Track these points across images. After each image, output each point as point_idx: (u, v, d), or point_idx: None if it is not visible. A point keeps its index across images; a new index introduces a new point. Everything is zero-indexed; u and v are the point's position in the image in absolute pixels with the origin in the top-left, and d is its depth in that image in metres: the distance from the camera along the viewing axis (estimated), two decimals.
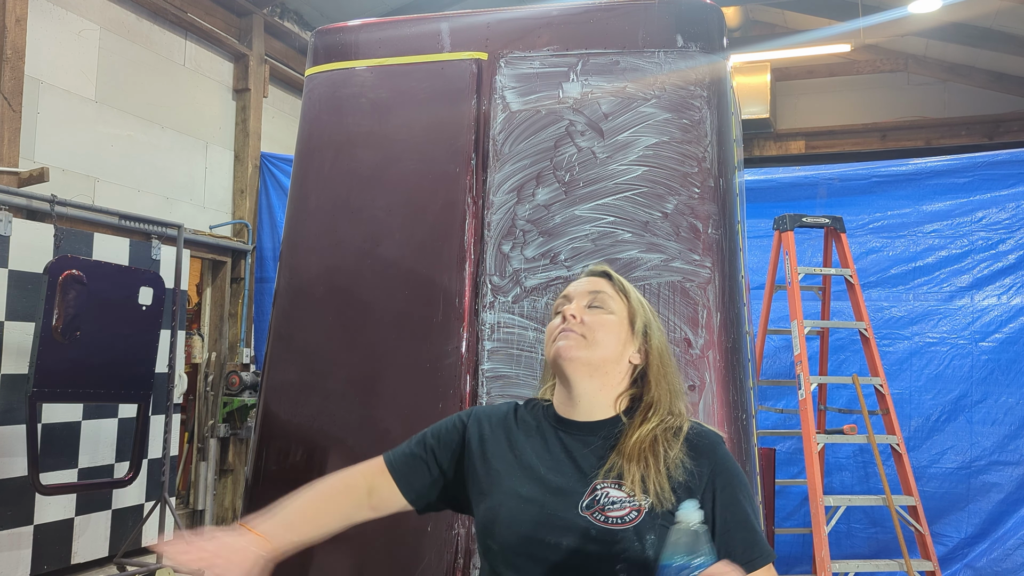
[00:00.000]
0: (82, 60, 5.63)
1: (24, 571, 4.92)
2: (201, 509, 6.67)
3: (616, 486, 1.39)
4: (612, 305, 1.53)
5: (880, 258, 5.44)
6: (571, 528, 1.37)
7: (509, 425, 1.56)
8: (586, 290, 1.55)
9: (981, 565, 4.98)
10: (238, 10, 7.03)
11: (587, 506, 1.38)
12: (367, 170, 2.83)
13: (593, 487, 1.40)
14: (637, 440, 1.43)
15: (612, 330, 1.51)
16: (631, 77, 2.70)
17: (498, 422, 1.57)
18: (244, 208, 7.06)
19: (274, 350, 2.81)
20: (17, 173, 5.02)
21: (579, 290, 1.56)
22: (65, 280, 4.44)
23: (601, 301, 1.53)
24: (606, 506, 1.37)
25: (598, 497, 1.39)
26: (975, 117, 8.38)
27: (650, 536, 1.34)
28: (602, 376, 1.50)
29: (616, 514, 1.36)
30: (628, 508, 1.36)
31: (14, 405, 4.77)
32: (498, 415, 1.59)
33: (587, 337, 1.48)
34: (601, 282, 1.57)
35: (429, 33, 2.90)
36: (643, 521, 1.35)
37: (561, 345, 1.48)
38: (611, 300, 1.54)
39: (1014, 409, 5.10)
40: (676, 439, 1.44)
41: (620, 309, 1.54)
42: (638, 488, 1.38)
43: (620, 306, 1.54)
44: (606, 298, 1.54)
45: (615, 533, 1.35)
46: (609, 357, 1.50)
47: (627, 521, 1.35)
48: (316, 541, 1.52)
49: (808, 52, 8.16)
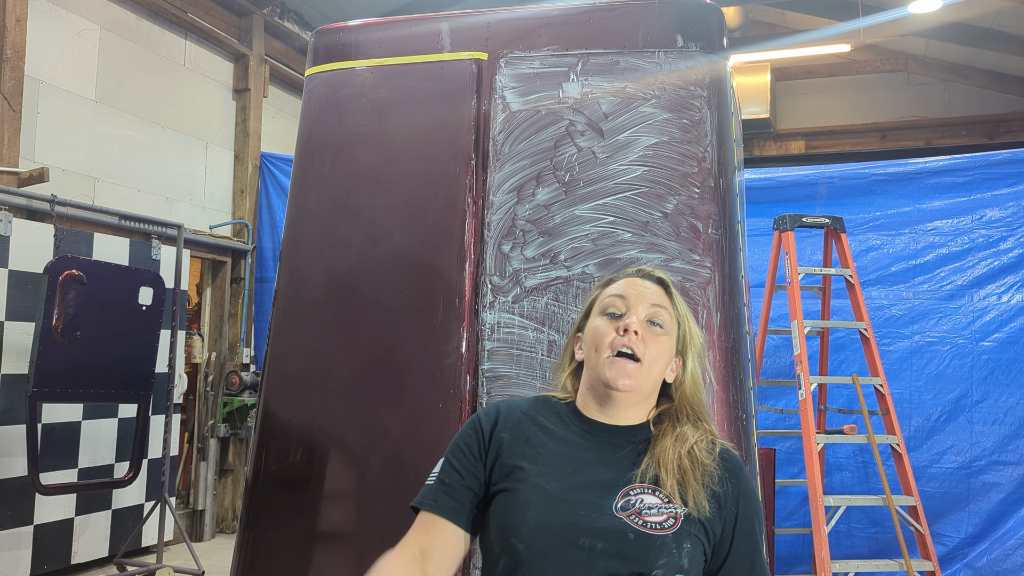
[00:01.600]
0: (82, 60, 5.63)
1: (24, 571, 4.92)
2: (201, 509, 6.67)
3: (651, 491, 1.37)
4: (668, 323, 1.48)
5: (880, 256, 5.44)
6: (606, 530, 1.33)
7: (529, 422, 1.49)
8: (649, 301, 1.48)
9: (981, 565, 4.98)
10: (238, 10, 7.03)
11: (622, 508, 1.35)
12: (367, 170, 2.83)
13: (627, 490, 1.37)
14: (673, 447, 1.41)
15: (665, 351, 1.46)
16: (631, 77, 2.70)
17: (517, 419, 1.49)
18: (244, 208, 7.06)
19: (274, 350, 2.81)
20: (17, 173, 5.02)
21: (642, 298, 1.48)
22: (65, 280, 4.44)
23: (661, 319, 1.47)
24: (643, 511, 1.34)
25: (632, 501, 1.36)
26: (975, 117, 8.38)
27: (687, 544, 1.33)
28: (644, 395, 1.47)
29: (655, 519, 1.34)
30: (666, 515, 1.34)
31: (14, 405, 4.77)
32: (516, 412, 1.51)
33: (644, 361, 1.43)
34: (661, 293, 1.50)
35: (429, 33, 2.89)
36: (681, 528, 1.34)
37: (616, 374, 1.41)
38: (668, 317, 1.48)
39: (1014, 409, 5.10)
40: (711, 452, 1.43)
41: (672, 327, 1.49)
42: (676, 495, 1.36)
43: (673, 325, 1.49)
44: (665, 316, 1.47)
45: (655, 539, 1.32)
46: (655, 379, 1.47)
47: (666, 527, 1.33)
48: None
49: (808, 52, 8.16)
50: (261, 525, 2.69)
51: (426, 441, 2.56)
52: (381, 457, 2.60)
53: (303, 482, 2.66)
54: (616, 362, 1.42)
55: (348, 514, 2.63)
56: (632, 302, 1.47)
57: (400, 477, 2.56)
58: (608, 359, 1.42)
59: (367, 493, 2.60)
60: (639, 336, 1.43)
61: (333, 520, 2.64)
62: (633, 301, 1.47)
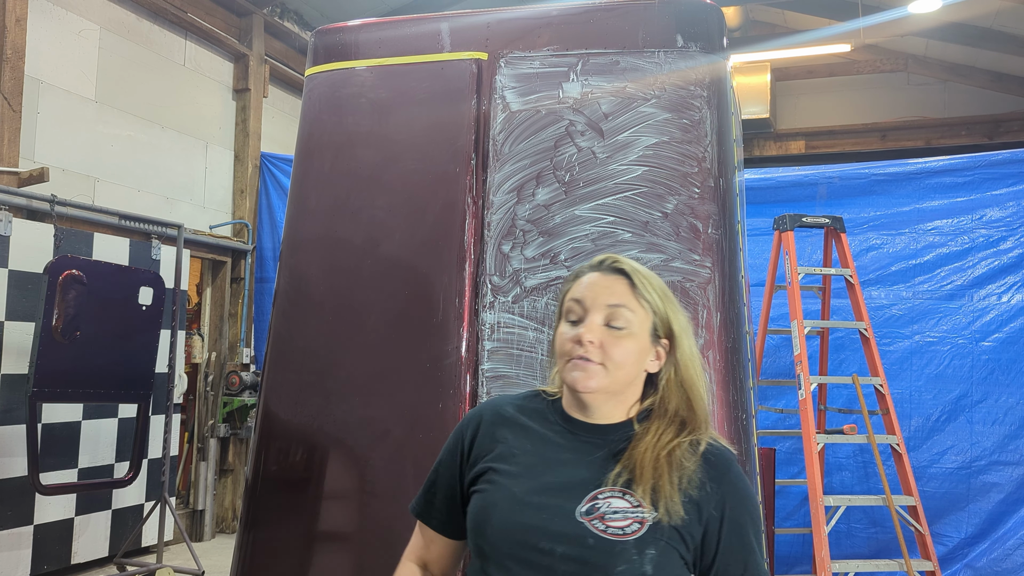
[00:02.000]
0: (82, 60, 5.63)
1: (24, 571, 4.92)
2: (201, 509, 6.67)
3: (621, 495, 1.33)
4: (632, 320, 1.39)
5: (880, 255, 5.44)
6: (566, 535, 1.30)
7: (512, 421, 1.47)
8: (604, 302, 1.39)
9: (981, 565, 4.98)
10: (238, 10, 7.03)
11: (586, 512, 1.31)
12: (367, 170, 2.83)
13: (595, 494, 1.33)
14: (652, 449, 1.36)
15: (632, 352, 1.39)
16: (631, 77, 2.70)
17: (501, 418, 1.48)
18: (244, 208, 7.06)
19: (274, 350, 2.81)
20: (17, 173, 5.02)
21: (595, 301, 1.40)
22: (65, 280, 4.44)
23: (621, 318, 1.39)
24: (607, 515, 1.31)
25: (599, 504, 1.32)
26: (975, 117, 8.38)
27: (651, 551, 1.28)
28: (619, 395, 1.42)
29: (618, 524, 1.29)
30: (631, 519, 1.30)
31: (14, 405, 4.77)
32: (500, 413, 1.49)
33: (607, 365, 1.37)
34: (620, 288, 1.41)
35: (429, 33, 2.89)
36: (645, 534, 1.29)
37: (578, 376, 1.37)
38: (631, 314, 1.39)
39: (1014, 409, 5.10)
40: (694, 453, 1.37)
41: (640, 321, 1.40)
42: (647, 499, 1.31)
43: (641, 317, 1.40)
44: (626, 313, 1.39)
45: (614, 544, 1.28)
46: (628, 379, 1.41)
47: (628, 533, 1.29)
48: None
49: (808, 52, 8.16)
50: (261, 525, 2.69)
51: (426, 441, 2.56)
52: (381, 457, 2.60)
53: (303, 482, 2.66)
54: (577, 365, 1.38)
55: (348, 514, 2.63)
56: (588, 306, 1.40)
57: (400, 477, 2.56)
58: (570, 363, 1.39)
59: (367, 493, 2.60)
60: (596, 344, 1.37)
61: (333, 520, 2.64)
62: (589, 304, 1.40)
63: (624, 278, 1.42)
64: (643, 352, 1.41)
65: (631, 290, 1.41)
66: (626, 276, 1.42)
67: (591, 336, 1.38)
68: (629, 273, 1.43)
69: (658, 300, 1.43)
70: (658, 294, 1.43)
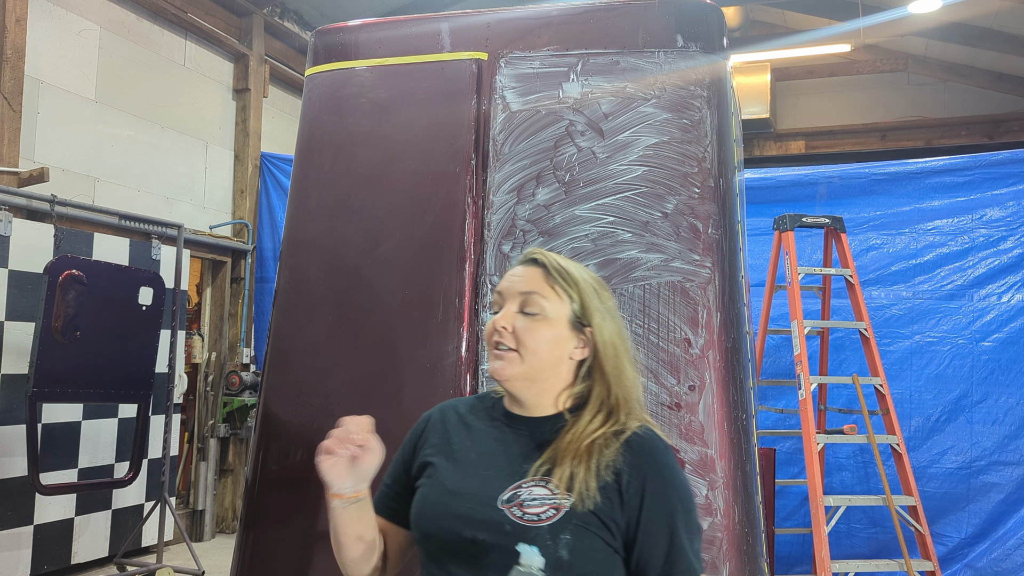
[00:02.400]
0: (82, 60, 5.63)
1: (24, 571, 4.92)
2: (201, 509, 6.67)
3: (543, 483, 1.37)
4: (546, 307, 1.45)
5: (880, 255, 5.44)
6: (487, 523, 1.35)
7: (459, 419, 1.54)
8: (517, 290, 1.47)
9: (981, 565, 4.98)
10: (238, 10, 7.03)
11: (507, 500, 1.36)
12: (367, 170, 2.83)
13: (519, 483, 1.38)
14: (574, 438, 1.40)
15: (546, 337, 1.44)
16: (631, 77, 2.70)
17: (447, 419, 1.56)
18: (244, 208, 7.06)
19: (274, 350, 2.81)
20: (17, 173, 5.02)
21: (511, 290, 1.48)
22: (65, 280, 4.44)
23: (534, 305, 1.45)
24: (526, 502, 1.35)
25: (520, 493, 1.36)
26: (975, 117, 8.38)
27: (565, 536, 1.31)
28: (541, 383, 1.46)
29: (533, 511, 1.34)
30: (547, 506, 1.34)
31: (14, 405, 4.77)
32: (452, 410, 1.57)
33: (520, 352, 1.43)
34: (534, 277, 1.47)
35: (429, 33, 2.89)
36: (560, 520, 1.32)
37: (496, 366, 1.44)
38: (544, 300, 1.45)
39: (1014, 409, 5.10)
40: (616, 440, 1.40)
41: (556, 308, 1.45)
42: (563, 486, 1.35)
43: (556, 304, 1.45)
44: (539, 300, 1.45)
45: (529, 530, 1.32)
46: (545, 365, 1.45)
47: (543, 519, 1.32)
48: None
49: (808, 52, 8.16)
50: (261, 525, 2.69)
51: None
52: None
53: (303, 482, 2.65)
54: (496, 355, 1.45)
55: None
56: (505, 296, 1.48)
57: None
58: (492, 354, 1.47)
59: None
60: (509, 331, 1.44)
61: None
62: (506, 295, 1.48)
63: (539, 268, 1.49)
64: (561, 339, 1.45)
65: (545, 278, 1.47)
66: (541, 266, 1.48)
67: (504, 323, 1.45)
68: (544, 263, 1.49)
69: (574, 280, 1.47)
70: (575, 282, 1.47)
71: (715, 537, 2.37)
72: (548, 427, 1.45)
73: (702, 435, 2.41)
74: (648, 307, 2.54)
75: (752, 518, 2.44)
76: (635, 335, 2.51)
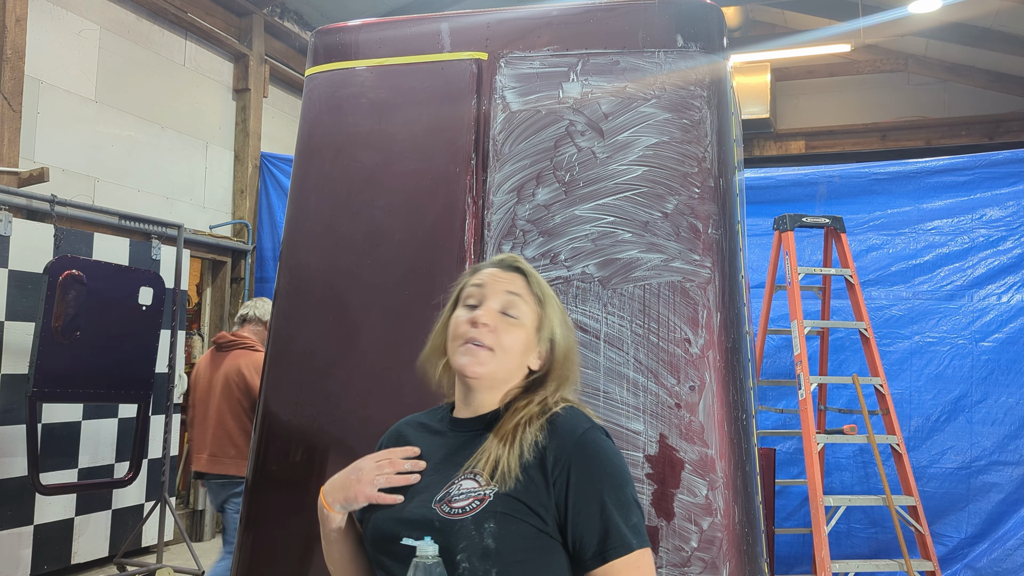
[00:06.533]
0: (82, 60, 5.63)
1: (24, 571, 4.92)
2: (201, 509, 6.67)
3: (472, 476, 1.38)
4: (525, 312, 1.48)
5: (880, 255, 5.44)
6: (421, 523, 1.36)
7: (414, 432, 1.58)
8: (503, 289, 1.49)
9: (981, 565, 4.98)
10: (238, 10, 7.03)
11: (439, 499, 1.37)
12: (367, 170, 2.83)
13: (452, 481, 1.39)
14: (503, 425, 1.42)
15: (520, 342, 1.47)
16: (631, 77, 2.70)
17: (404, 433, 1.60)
18: (244, 208, 7.06)
19: (274, 350, 2.81)
20: (17, 173, 5.02)
21: (495, 287, 1.49)
22: (65, 280, 4.44)
23: (515, 308, 1.47)
24: (454, 497, 1.35)
25: (451, 490, 1.37)
26: (975, 117, 8.38)
27: (489, 524, 1.31)
28: (501, 384, 1.49)
29: (459, 504, 1.34)
30: (472, 498, 1.34)
31: (14, 405, 4.77)
32: (409, 424, 1.62)
33: (496, 350, 1.45)
34: (518, 281, 1.51)
35: (429, 33, 2.89)
36: (484, 510, 1.32)
37: (467, 361, 1.44)
38: (524, 306, 1.48)
39: (1014, 409, 5.10)
40: (538, 420, 1.41)
41: (530, 316, 1.49)
42: (487, 475, 1.35)
43: (530, 312, 1.49)
44: (520, 304, 1.48)
45: (454, 524, 1.32)
46: (511, 367, 1.48)
47: (467, 511, 1.33)
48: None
49: (808, 52, 8.16)
50: (261, 525, 2.69)
51: None
52: None
53: (303, 482, 2.65)
54: (469, 349, 1.45)
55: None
56: (487, 292, 1.49)
57: None
58: (461, 347, 1.46)
59: None
60: (489, 327, 1.45)
61: None
62: (488, 291, 1.49)
63: (521, 275, 1.52)
64: (529, 345, 1.49)
65: (526, 284, 1.51)
66: (523, 274, 1.53)
67: (487, 319, 1.45)
68: (525, 272, 1.53)
69: (547, 293, 1.53)
70: (547, 295, 1.53)
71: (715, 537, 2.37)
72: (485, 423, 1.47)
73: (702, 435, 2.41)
74: (648, 307, 2.54)
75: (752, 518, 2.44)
76: (635, 335, 2.51)
